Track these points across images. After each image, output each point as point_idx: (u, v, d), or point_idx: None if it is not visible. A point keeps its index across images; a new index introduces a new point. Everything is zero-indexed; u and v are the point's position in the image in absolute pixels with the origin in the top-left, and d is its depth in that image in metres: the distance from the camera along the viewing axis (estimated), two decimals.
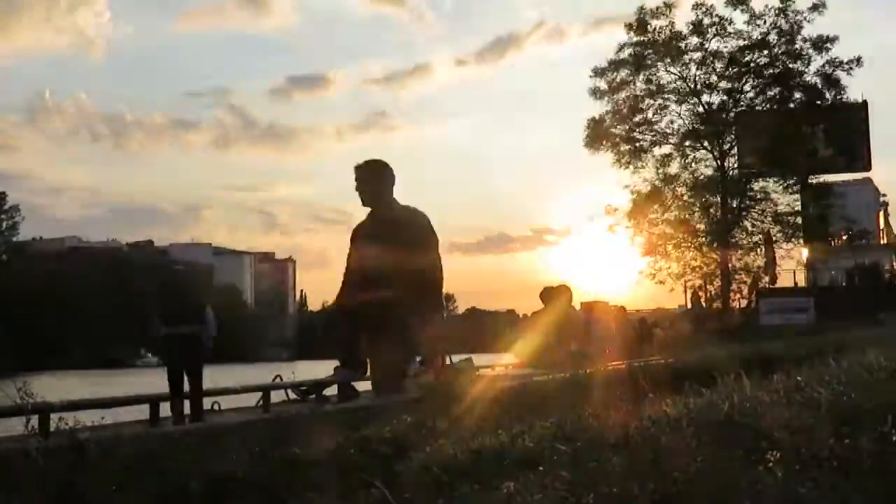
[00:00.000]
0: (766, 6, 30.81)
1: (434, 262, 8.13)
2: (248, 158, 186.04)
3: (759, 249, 32.28)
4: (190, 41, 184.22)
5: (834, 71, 30.44)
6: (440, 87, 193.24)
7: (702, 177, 32.47)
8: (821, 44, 30.43)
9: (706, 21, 31.11)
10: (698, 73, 31.73)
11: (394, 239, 7.84)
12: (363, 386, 15.20)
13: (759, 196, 32.44)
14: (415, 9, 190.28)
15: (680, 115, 32.55)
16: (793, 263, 33.02)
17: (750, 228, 32.46)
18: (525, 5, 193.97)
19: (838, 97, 30.77)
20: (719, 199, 32.17)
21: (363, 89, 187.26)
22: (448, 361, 16.03)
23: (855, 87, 31.60)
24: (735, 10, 30.89)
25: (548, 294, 13.91)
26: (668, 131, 32.59)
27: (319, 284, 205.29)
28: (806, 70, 30.92)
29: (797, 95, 31.39)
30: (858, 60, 30.40)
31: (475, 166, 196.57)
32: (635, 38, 31.63)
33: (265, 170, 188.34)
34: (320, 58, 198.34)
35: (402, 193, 8.33)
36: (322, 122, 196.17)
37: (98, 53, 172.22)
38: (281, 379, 14.53)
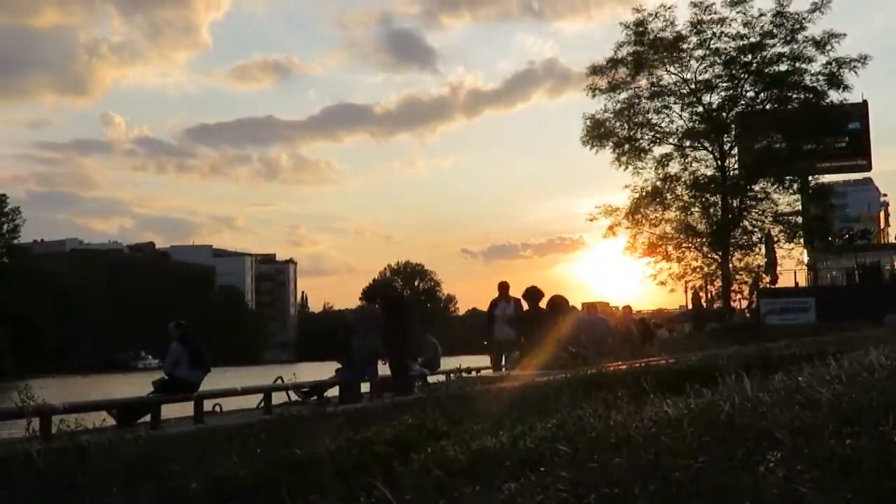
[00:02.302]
0: (760, 10, 30.71)
1: None
2: (278, 181, 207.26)
3: (759, 249, 32.23)
4: (243, 86, 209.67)
5: (839, 69, 30.25)
6: (459, 126, 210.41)
7: (702, 177, 32.41)
8: (825, 41, 30.23)
9: (705, 18, 31.01)
10: (698, 73, 31.66)
11: None
12: (364, 388, 15.24)
13: (759, 196, 32.33)
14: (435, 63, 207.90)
15: (680, 115, 32.49)
16: (793, 263, 32.96)
17: (750, 228, 32.40)
18: (539, 49, 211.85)
19: (843, 94, 30.55)
20: (719, 199, 32.10)
21: (388, 127, 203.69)
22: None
23: (855, 87, 31.39)
24: (733, 9, 30.80)
25: (530, 294, 13.66)
26: (668, 131, 32.53)
27: (338, 288, 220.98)
28: (808, 68, 30.78)
29: (797, 95, 31.27)
30: (864, 59, 30.20)
31: (489, 187, 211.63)
32: (634, 38, 31.53)
33: (293, 191, 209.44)
34: (350, 97, 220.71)
35: (423, 212, 8.34)
36: (349, 153, 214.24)
37: (175, 94, 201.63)
38: (282, 381, 14.57)
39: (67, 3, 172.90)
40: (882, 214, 48.19)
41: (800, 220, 31.97)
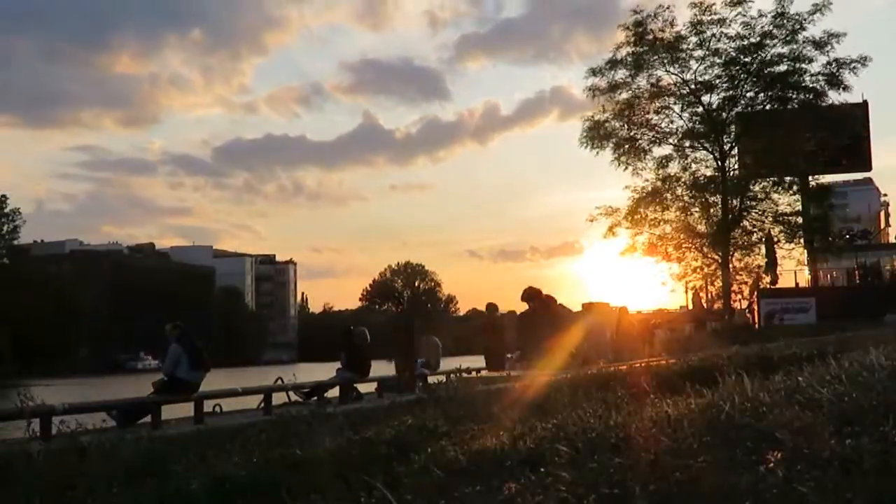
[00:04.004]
0: (760, 11, 30.71)
1: None
2: (304, 196, 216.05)
3: (759, 250, 32.21)
4: (278, 113, 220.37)
5: (839, 70, 30.21)
6: (473, 149, 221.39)
7: (702, 177, 32.38)
8: (825, 41, 30.19)
9: (705, 19, 30.99)
10: (698, 73, 31.64)
11: None
12: (365, 388, 15.25)
13: (759, 196, 32.28)
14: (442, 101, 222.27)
15: (680, 115, 32.46)
16: (793, 263, 32.97)
17: (750, 228, 32.38)
18: (559, 82, 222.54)
19: (842, 94, 30.51)
20: (719, 199, 32.07)
21: (408, 149, 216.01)
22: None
23: (855, 86, 31.35)
24: (734, 10, 30.80)
25: (529, 295, 13.63)
26: (668, 131, 32.50)
27: (345, 289, 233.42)
28: (808, 69, 30.75)
29: (797, 96, 31.25)
30: (864, 60, 30.18)
31: (497, 195, 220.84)
32: (633, 39, 31.50)
33: (316, 205, 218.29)
34: (373, 122, 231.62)
35: (436, 220, 8.33)
36: (370, 172, 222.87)
37: (216, 120, 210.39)
38: (282, 381, 14.56)
39: (141, 57, 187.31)
40: (882, 214, 48.19)
41: (800, 220, 31.93)
